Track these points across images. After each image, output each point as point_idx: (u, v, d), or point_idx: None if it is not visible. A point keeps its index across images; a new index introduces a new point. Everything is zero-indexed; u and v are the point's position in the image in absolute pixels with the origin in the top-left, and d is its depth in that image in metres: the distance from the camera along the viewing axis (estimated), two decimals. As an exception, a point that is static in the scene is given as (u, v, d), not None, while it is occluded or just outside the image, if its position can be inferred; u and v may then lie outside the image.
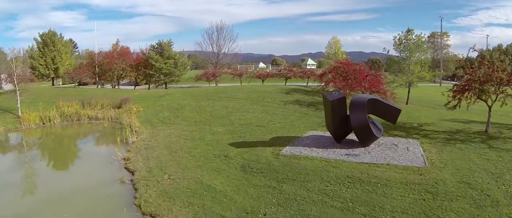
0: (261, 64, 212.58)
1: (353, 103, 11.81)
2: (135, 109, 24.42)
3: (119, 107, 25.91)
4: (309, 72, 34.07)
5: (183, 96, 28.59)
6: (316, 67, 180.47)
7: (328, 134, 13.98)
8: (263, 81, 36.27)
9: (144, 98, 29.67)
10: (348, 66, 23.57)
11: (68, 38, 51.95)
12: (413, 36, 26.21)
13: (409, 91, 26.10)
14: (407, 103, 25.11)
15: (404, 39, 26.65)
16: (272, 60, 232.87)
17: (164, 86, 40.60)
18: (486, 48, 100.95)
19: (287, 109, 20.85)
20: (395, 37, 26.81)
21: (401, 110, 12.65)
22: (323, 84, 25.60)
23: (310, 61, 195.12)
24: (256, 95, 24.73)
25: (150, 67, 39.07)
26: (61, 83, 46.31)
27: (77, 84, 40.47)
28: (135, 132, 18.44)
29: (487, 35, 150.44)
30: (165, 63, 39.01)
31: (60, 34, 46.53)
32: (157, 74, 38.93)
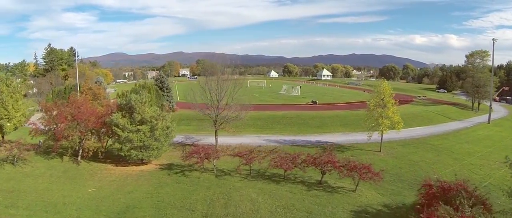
0: (273, 73, 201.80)
1: None
2: None
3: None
4: (360, 166, 20.46)
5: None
6: (332, 77, 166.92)
7: None
8: (285, 172, 23.16)
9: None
10: None
11: (69, 47, 39.43)
12: None
13: None
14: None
15: None
16: (284, 66, 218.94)
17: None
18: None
19: None
20: None
21: None
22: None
23: (325, 72, 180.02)
24: None
25: (116, 138, 26.61)
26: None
27: (38, 146, 28.20)
28: None
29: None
30: (137, 131, 26.27)
31: (12, 74, 34.15)
32: (127, 148, 26.32)
